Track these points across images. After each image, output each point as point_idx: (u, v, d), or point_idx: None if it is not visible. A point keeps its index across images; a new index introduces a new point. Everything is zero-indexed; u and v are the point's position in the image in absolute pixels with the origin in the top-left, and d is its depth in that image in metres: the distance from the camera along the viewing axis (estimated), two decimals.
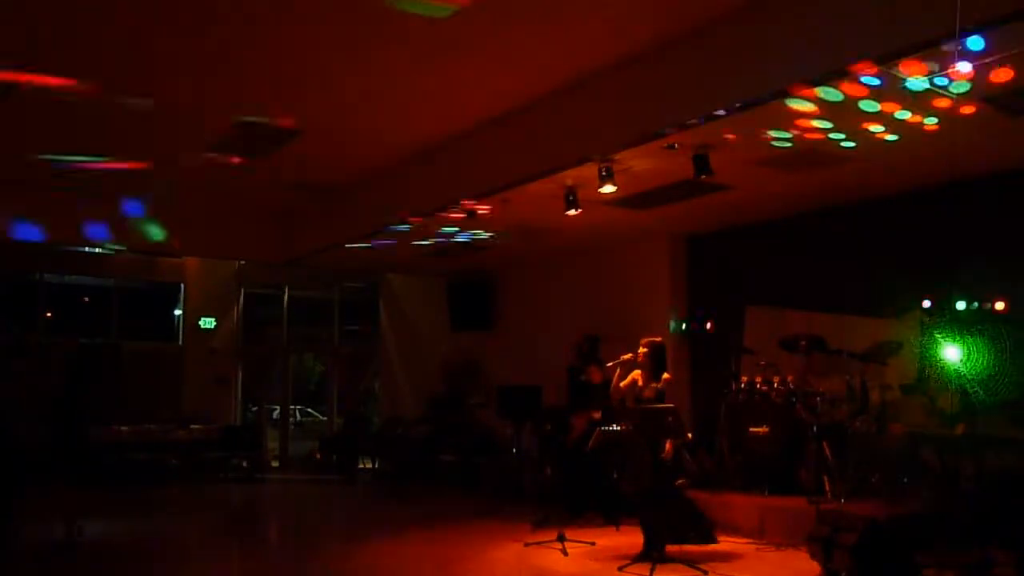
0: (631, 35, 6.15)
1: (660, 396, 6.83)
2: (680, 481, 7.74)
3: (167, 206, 10.98)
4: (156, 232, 11.19)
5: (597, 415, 8.89)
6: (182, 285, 14.43)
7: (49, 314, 13.52)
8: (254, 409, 16.26)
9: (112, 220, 10.94)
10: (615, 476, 8.30)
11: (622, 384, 7.10)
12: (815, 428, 7.57)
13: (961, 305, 7.15)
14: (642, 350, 6.98)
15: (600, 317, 10.64)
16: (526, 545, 7.29)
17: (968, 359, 5.93)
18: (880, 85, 5.65)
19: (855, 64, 5.16)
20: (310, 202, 11.09)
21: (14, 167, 9.46)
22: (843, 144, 6.87)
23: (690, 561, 6.18)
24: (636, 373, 7.03)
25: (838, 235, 8.75)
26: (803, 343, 8.14)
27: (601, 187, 7.60)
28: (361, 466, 13.94)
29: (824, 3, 5.31)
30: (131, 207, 11.02)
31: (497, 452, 11.68)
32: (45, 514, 8.72)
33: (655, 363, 6.95)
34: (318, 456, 14.48)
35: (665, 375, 6.93)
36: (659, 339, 7.13)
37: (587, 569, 6.48)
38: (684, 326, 10.35)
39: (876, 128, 6.50)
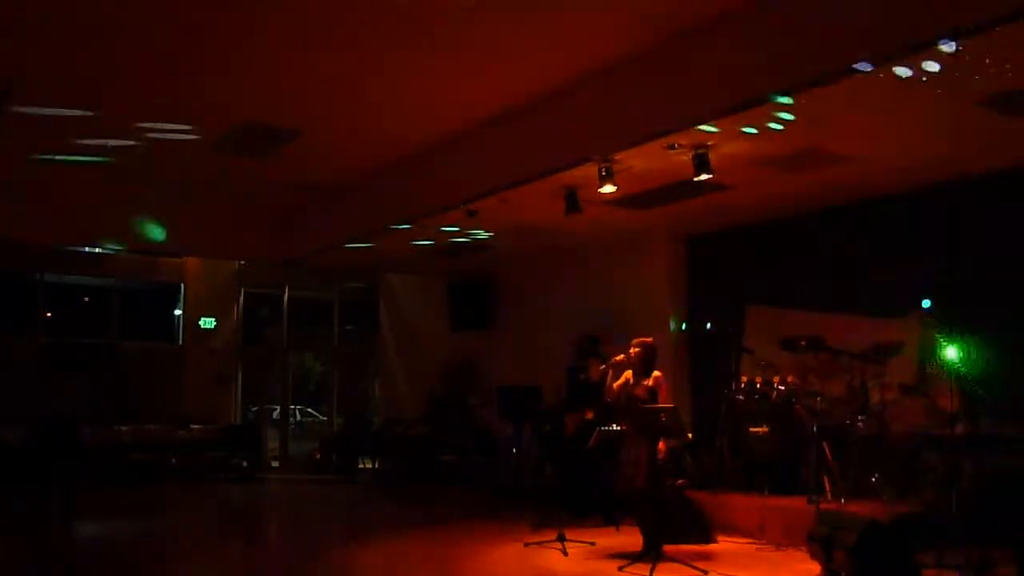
0: (631, 35, 6.15)
1: (652, 394, 6.80)
2: (680, 481, 7.76)
3: None
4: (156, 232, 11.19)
5: (590, 415, 8.89)
6: (182, 285, 14.43)
7: (49, 314, 13.52)
8: (254, 409, 16.26)
9: (112, 220, 10.96)
10: (610, 475, 8.31)
11: (615, 385, 7.10)
12: (815, 428, 7.56)
13: (960, 305, 7.14)
14: (633, 350, 6.98)
15: (600, 317, 10.63)
16: (526, 545, 7.29)
17: (968, 359, 5.92)
18: (879, 85, 5.65)
19: (855, 64, 5.16)
20: (310, 202, 11.08)
21: (14, 167, 9.46)
22: (840, 144, 6.87)
23: (690, 561, 6.18)
24: (628, 373, 7.03)
25: (838, 235, 8.74)
26: (803, 343, 8.14)
27: (601, 187, 7.60)
28: (361, 466, 13.93)
29: (823, 3, 5.31)
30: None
31: (497, 452, 11.68)
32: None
33: (646, 363, 6.94)
34: (318, 456, 14.45)
35: (655, 372, 6.91)
36: (650, 340, 7.11)
37: (587, 569, 6.47)
38: (684, 326, 10.35)
39: (875, 128, 6.50)
